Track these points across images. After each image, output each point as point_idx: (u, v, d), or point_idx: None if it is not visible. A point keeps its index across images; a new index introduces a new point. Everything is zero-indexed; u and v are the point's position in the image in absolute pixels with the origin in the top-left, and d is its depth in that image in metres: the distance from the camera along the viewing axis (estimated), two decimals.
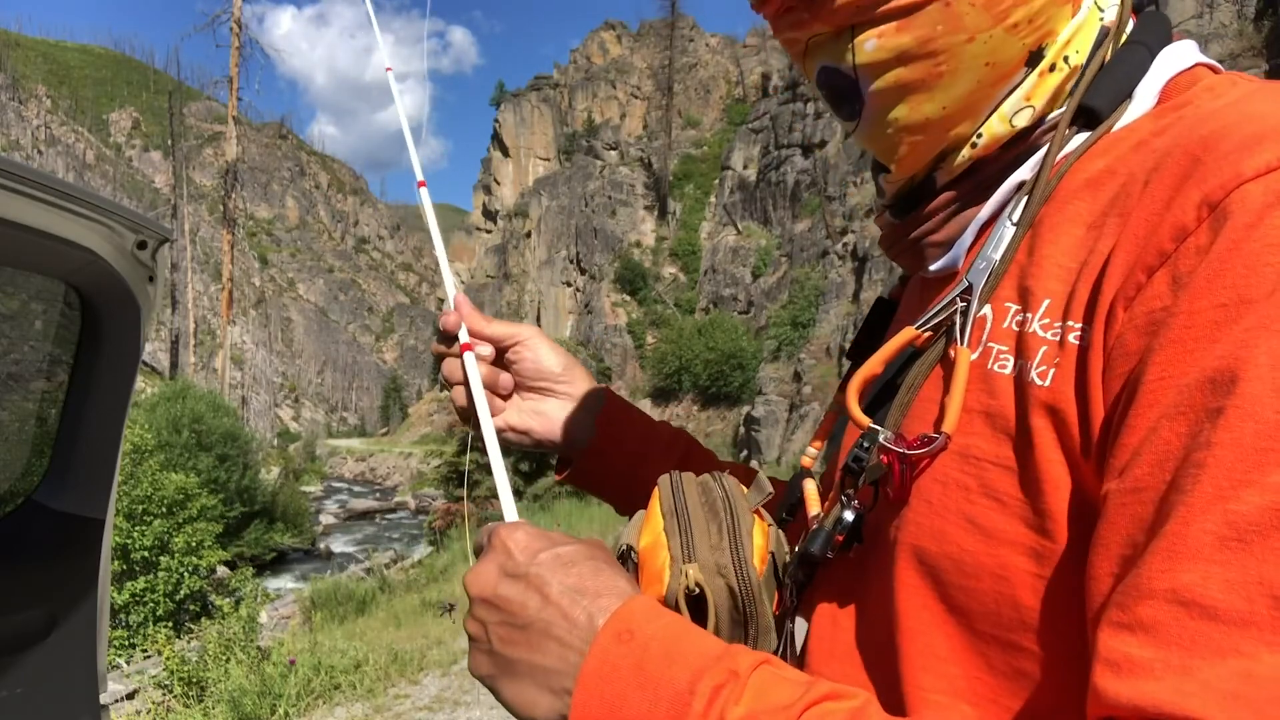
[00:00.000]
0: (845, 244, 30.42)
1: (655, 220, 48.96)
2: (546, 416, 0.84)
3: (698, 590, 0.57)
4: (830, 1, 0.53)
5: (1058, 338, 0.48)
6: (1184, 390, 0.40)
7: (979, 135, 0.56)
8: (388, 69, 0.96)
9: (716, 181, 46.25)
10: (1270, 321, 0.39)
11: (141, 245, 1.48)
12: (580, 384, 0.86)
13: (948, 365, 0.54)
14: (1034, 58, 0.54)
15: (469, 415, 0.79)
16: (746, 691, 0.45)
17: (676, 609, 0.56)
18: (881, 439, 0.55)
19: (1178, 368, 0.41)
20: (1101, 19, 0.56)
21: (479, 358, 0.79)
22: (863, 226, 29.69)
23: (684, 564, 0.58)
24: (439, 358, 0.82)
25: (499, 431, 0.82)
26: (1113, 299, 0.45)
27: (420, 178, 0.91)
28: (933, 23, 0.52)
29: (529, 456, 17.11)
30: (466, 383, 0.78)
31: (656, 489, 0.65)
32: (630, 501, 0.87)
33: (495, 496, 0.65)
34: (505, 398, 0.84)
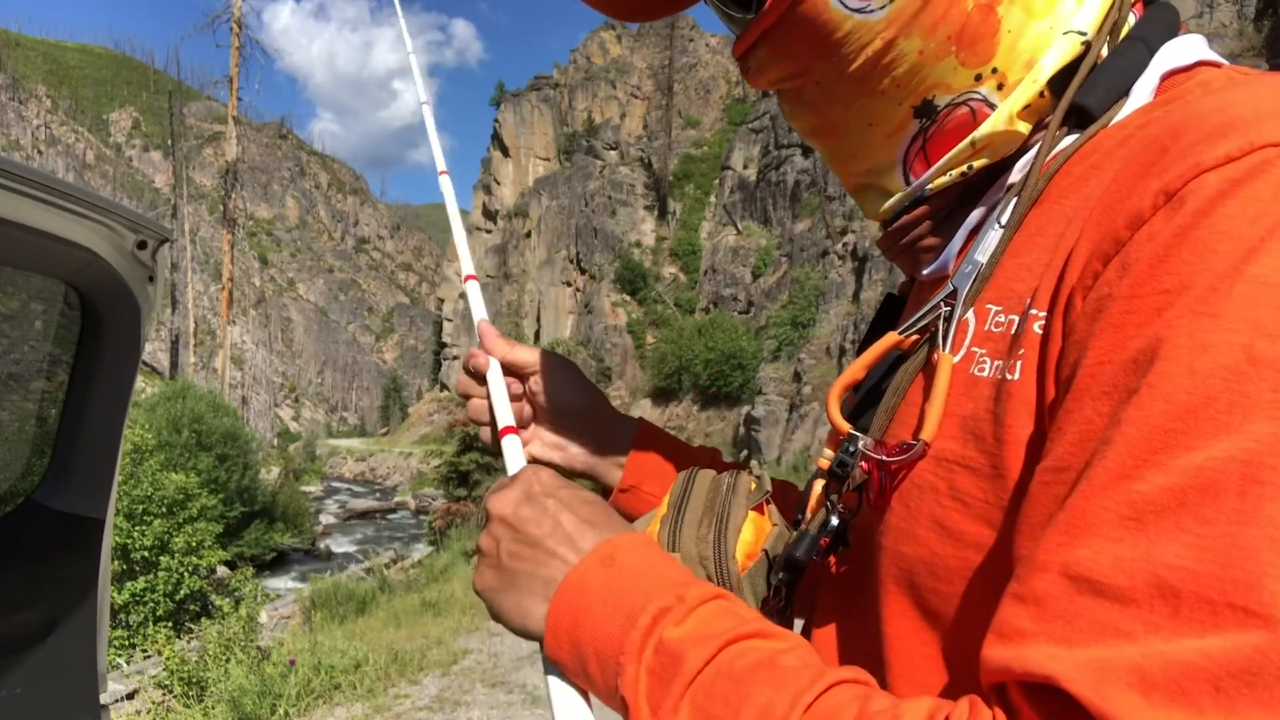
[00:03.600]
0: (845, 244, 30.41)
1: (655, 220, 48.93)
2: (569, 451, 0.83)
3: None
4: (755, 78, 0.61)
5: (1024, 329, 0.48)
6: (1113, 372, 0.40)
7: (969, 167, 0.56)
8: (423, 102, 1.02)
9: (716, 181, 46.22)
10: (1200, 305, 0.38)
11: (141, 245, 1.48)
12: (604, 422, 0.84)
13: (930, 371, 0.54)
14: (922, 110, 0.56)
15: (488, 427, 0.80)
16: (690, 618, 0.48)
17: None
18: (861, 445, 0.55)
19: (1113, 352, 0.41)
20: (1076, 31, 0.54)
21: (513, 396, 0.80)
22: (863, 226, 29.66)
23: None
24: (464, 395, 0.82)
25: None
26: (1073, 288, 0.45)
27: (441, 165, 0.96)
28: (813, 99, 0.59)
29: None
30: (493, 422, 0.77)
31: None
32: None
33: None
34: (525, 426, 0.83)
